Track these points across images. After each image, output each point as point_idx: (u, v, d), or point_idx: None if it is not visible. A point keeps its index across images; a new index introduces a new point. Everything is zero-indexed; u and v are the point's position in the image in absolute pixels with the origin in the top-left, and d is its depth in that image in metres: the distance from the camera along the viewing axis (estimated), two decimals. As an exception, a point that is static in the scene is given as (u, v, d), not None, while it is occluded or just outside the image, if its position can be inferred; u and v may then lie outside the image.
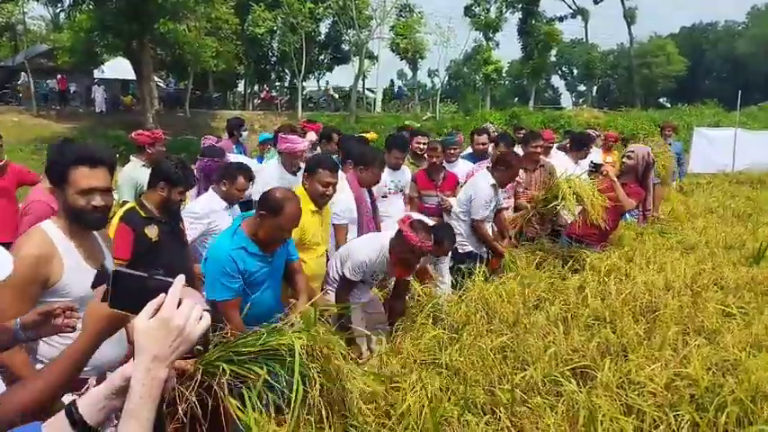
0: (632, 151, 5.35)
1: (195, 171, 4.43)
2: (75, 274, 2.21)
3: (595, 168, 5.27)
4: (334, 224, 4.14)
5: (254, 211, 3.09)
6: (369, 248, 3.65)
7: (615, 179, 5.08)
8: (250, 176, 4.24)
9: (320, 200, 3.72)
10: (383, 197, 5.04)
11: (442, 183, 5.43)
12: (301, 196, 3.66)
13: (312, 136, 6.42)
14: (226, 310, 2.88)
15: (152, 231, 3.23)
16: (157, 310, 1.09)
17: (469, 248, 5.10)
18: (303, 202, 3.63)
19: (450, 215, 5.30)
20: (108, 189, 2.29)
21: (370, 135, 7.70)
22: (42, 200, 3.73)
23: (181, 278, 1.14)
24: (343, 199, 4.21)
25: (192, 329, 1.09)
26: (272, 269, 3.10)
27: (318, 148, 6.34)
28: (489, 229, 5.19)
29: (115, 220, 3.20)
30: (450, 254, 4.56)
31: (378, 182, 4.55)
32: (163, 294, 1.12)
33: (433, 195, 5.40)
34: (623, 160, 5.41)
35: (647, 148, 5.58)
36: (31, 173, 5.16)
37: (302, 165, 4.44)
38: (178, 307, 1.09)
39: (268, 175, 4.78)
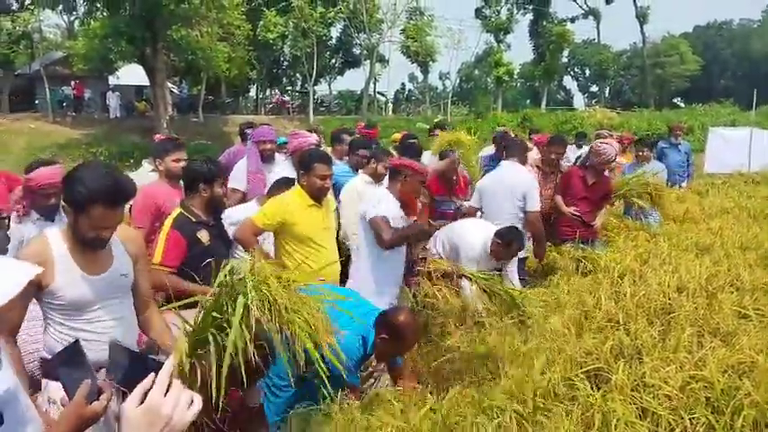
0: (613, 154, 5.53)
1: None
2: (67, 279, 2.31)
3: (584, 224, 5.38)
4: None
5: None
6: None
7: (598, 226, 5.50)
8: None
9: (318, 193, 3.72)
10: None
11: (454, 187, 5.37)
12: (298, 194, 3.73)
13: (315, 136, 6.38)
14: None
15: (204, 236, 3.25)
16: (145, 394, 1.09)
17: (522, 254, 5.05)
18: (301, 199, 3.70)
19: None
20: (121, 221, 2.38)
21: (394, 136, 7.70)
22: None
23: (171, 360, 1.17)
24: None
25: (181, 417, 1.08)
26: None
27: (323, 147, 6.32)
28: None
29: (166, 228, 3.20)
30: (516, 260, 4.54)
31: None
32: (153, 376, 1.12)
33: (447, 200, 5.32)
34: (603, 168, 5.55)
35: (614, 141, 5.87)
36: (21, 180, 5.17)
37: None
38: (168, 392, 1.09)
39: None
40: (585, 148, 7.81)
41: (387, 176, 4.01)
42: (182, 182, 3.66)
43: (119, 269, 2.45)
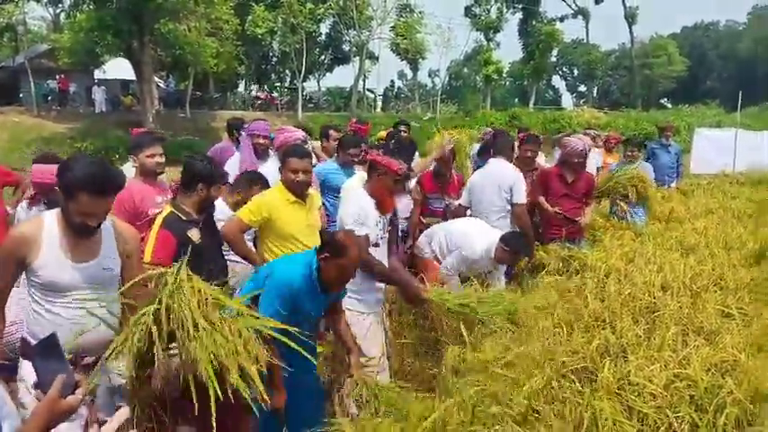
0: (582, 150, 5.42)
1: None
2: (49, 259, 2.39)
3: (569, 222, 5.34)
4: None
5: None
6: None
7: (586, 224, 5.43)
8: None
9: (295, 188, 3.68)
10: None
11: (447, 185, 5.38)
12: (279, 190, 3.71)
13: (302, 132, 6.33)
14: None
15: (195, 234, 3.22)
16: None
17: None
18: (282, 195, 3.68)
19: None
20: (107, 211, 2.44)
21: (380, 134, 7.68)
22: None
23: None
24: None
25: None
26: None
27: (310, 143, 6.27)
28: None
29: (156, 227, 3.18)
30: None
31: None
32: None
33: (439, 198, 5.35)
34: (573, 160, 5.42)
35: (586, 138, 5.84)
36: (12, 174, 5.10)
37: None
38: None
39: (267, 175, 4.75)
40: (593, 151, 7.82)
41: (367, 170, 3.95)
42: (167, 178, 3.62)
43: (102, 262, 2.48)
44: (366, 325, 3.59)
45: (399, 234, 4.57)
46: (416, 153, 5.99)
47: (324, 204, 4.55)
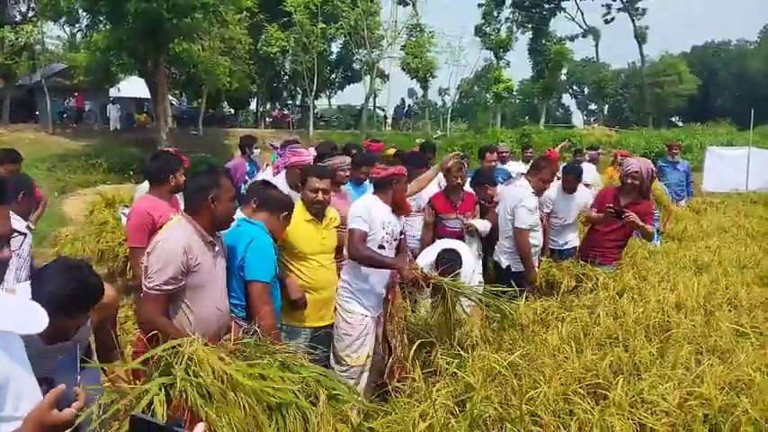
0: (636, 172, 5.08)
1: None
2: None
3: (617, 215, 4.96)
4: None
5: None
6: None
7: (641, 223, 4.93)
8: None
9: (312, 207, 3.73)
10: None
11: (461, 204, 5.27)
12: (299, 207, 3.75)
13: (312, 151, 6.36)
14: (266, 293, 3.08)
15: None
16: None
17: (522, 268, 5.03)
18: (301, 212, 3.73)
19: (473, 236, 5.21)
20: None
21: (390, 151, 7.73)
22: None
23: (201, 427, 1.25)
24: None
25: None
26: None
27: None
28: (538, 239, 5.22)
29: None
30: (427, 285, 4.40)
31: None
32: None
33: (453, 218, 5.23)
34: (626, 180, 5.14)
35: (648, 161, 5.44)
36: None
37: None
38: None
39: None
40: (588, 164, 7.90)
41: (374, 187, 3.99)
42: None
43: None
44: (362, 327, 3.71)
45: (409, 254, 4.61)
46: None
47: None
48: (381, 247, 3.74)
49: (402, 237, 4.04)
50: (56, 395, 1.37)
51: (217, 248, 2.93)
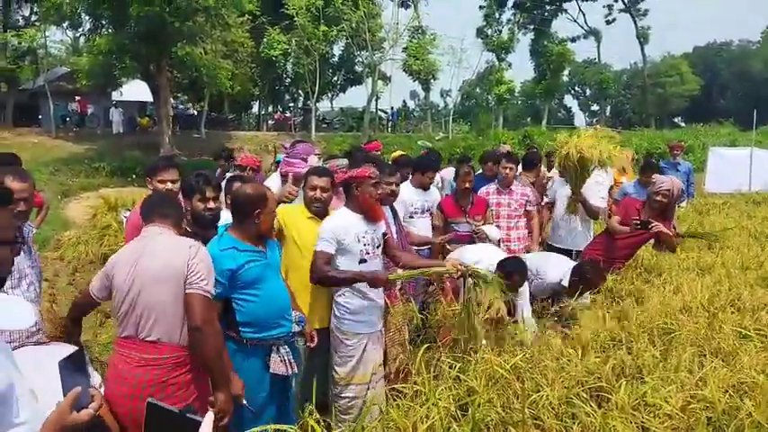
0: (668, 191, 5.11)
1: None
2: None
3: (643, 226, 4.99)
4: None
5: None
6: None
7: (668, 231, 5.01)
8: None
9: (312, 205, 3.71)
10: (409, 217, 4.97)
11: (470, 208, 5.24)
12: (300, 205, 3.79)
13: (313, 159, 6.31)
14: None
15: None
16: None
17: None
18: (301, 210, 3.75)
19: (485, 243, 5.07)
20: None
21: (395, 153, 7.72)
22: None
23: (210, 416, 1.21)
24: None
25: None
26: (269, 262, 3.12)
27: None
28: None
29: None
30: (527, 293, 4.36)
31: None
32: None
33: (462, 222, 5.19)
34: (655, 197, 5.16)
35: (679, 183, 5.42)
36: (37, 195, 5.19)
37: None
38: None
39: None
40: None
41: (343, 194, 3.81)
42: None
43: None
44: (361, 348, 3.56)
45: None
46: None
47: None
48: (363, 261, 3.51)
49: (403, 234, 3.97)
50: (74, 397, 1.41)
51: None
